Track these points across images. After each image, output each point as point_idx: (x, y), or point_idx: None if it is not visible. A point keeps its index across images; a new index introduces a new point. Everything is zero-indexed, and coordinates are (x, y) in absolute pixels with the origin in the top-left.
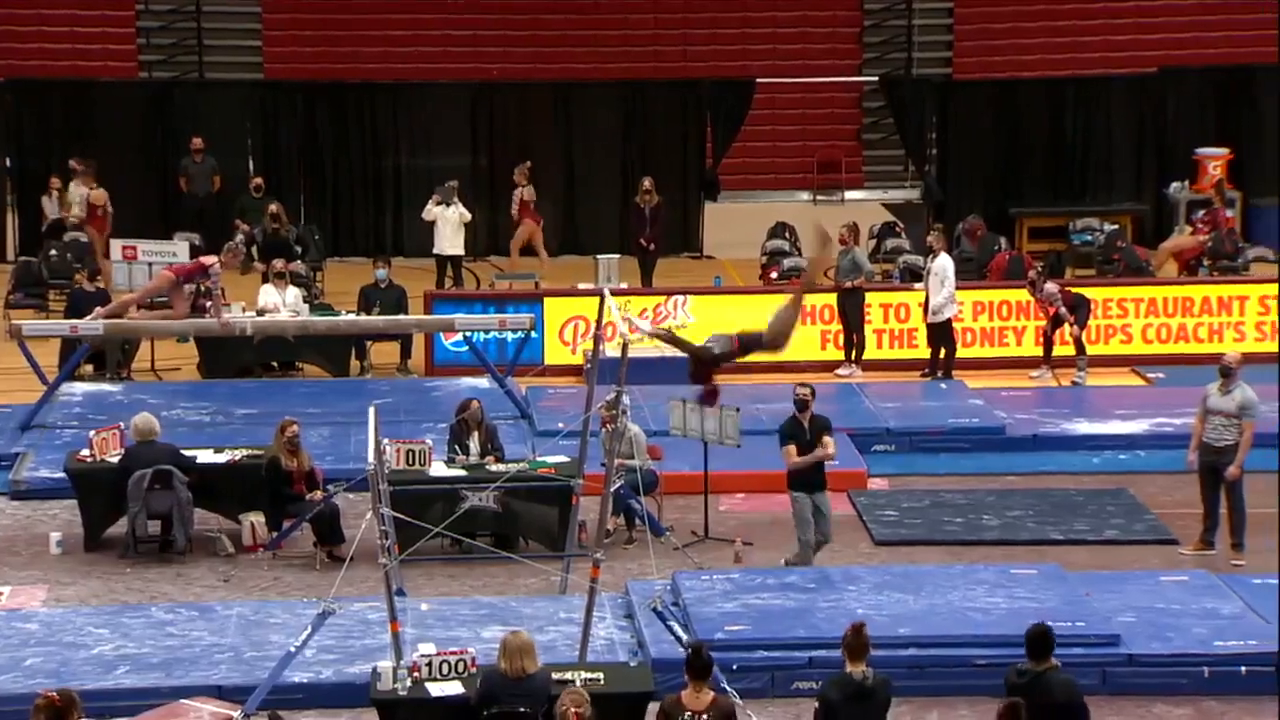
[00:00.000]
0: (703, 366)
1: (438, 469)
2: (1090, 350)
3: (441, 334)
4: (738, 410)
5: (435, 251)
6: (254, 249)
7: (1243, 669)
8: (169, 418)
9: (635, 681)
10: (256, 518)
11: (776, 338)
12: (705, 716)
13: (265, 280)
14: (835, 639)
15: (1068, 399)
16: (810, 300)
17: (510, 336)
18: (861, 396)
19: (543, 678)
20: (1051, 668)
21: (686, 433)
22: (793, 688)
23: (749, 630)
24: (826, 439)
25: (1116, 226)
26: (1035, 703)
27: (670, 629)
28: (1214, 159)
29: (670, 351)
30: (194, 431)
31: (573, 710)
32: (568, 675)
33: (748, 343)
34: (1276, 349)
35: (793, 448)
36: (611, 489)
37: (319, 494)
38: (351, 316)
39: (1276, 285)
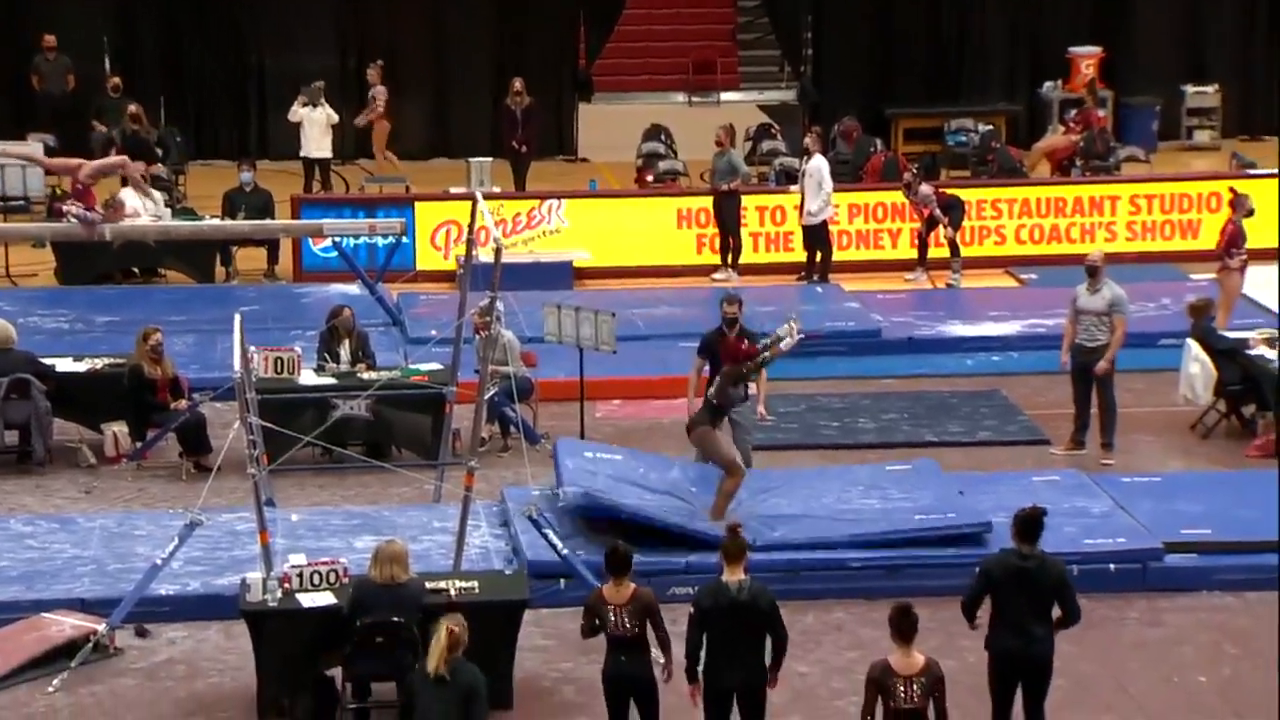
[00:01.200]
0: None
1: (307, 377)
2: (964, 252)
3: (310, 239)
4: (613, 315)
5: (302, 154)
6: (113, 151)
7: (1111, 566)
8: (25, 325)
9: (511, 589)
10: (119, 427)
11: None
12: (626, 609)
13: (124, 184)
14: (714, 539)
15: (942, 301)
16: (685, 204)
17: (381, 242)
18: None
19: (416, 587)
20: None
21: (561, 339)
22: (669, 593)
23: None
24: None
25: (991, 127)
26: (1038, 587)
27: (546, 536)
28: (1086, 58)
29: (548, 257)
30: (52, 339)
31: (447, 625)
32: (442, 584)
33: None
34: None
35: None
36: (485, 396)
37: (183, 402)
38: (216, 221)
39: (1147, 185)
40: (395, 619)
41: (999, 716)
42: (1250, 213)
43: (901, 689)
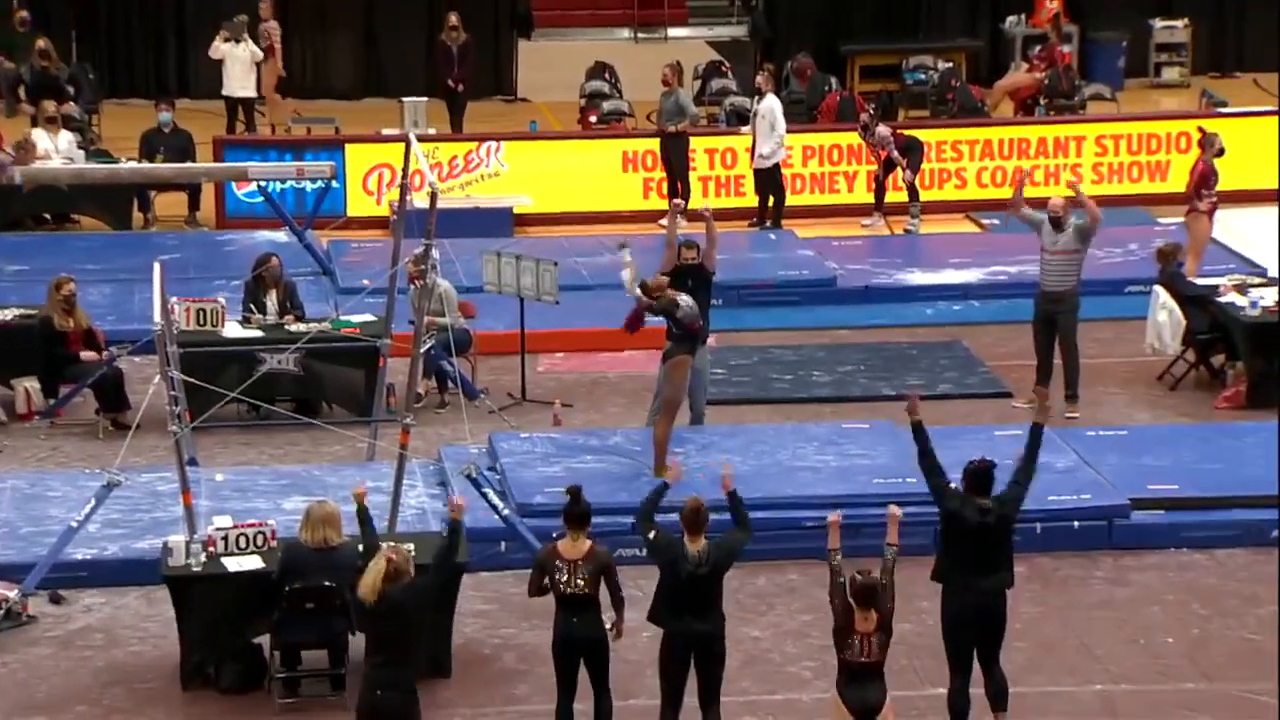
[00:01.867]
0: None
1: (232, 330)
2: (924, 196)
3: (233, 183)
4: (555, 264)
5: (224, 93)
6: (21, 90)
7: (1075, 523)
8: None
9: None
10: (30, 383)
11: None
12: (580, 565)
13: (35, 124)
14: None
15: (901, 248)
16: (630, 146)
17: (309, 186)
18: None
19: (348, 550)
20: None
21: (501, 288)
22: (616, 555)
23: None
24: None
25: (951, 65)
26: (995, 537)
27: (485, 496)
28: None
29: (487, 203)
30: None
31: (386, 555)
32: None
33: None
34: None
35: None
36: (421, 350)
37: (97, 355)
38: (133, 164)
39: (1114, 124)
40: (327, 583)
41: (958, 673)
42: (1220, 152)
43: (859, 644)
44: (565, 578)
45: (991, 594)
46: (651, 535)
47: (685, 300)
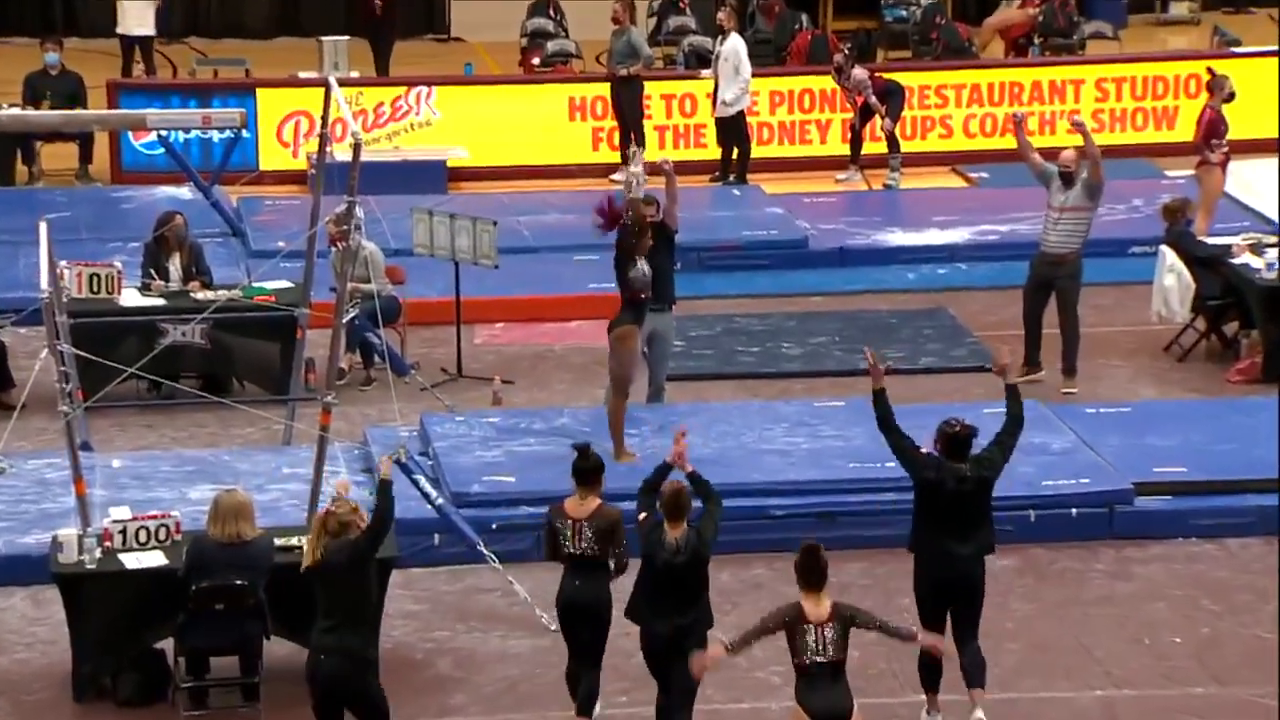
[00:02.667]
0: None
1: (130, 297)
2: (905, 146)
3: (130, 133)
4: (494, 224)
5: (119, 31)
6: None
7: (1074, 511)
8: None
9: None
10: None
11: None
12: (586, 525)
13: None
14: (612, 491)
15: (879, 204)
16: (578, 92)
17: (216, 136)
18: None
19: (262, 544)
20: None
21: (434, 251)
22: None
23: (512, 483)
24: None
25: (935, 0)
26: (974, 503)
27: (417, 484)
28: None
29: (417, 155)
30: None
31: (326, 509)
32: (294, 540)
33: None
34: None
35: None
36: (344, 320)
37: None
38: (15, 110)
39: (1116, 66)
40: (239, 581)
41: (932, 650)
42: (1231, 96)
43: (811, 637)
44: (570, 538)
45: (971, 560)
46: (641, 517)
47: (642, 265)
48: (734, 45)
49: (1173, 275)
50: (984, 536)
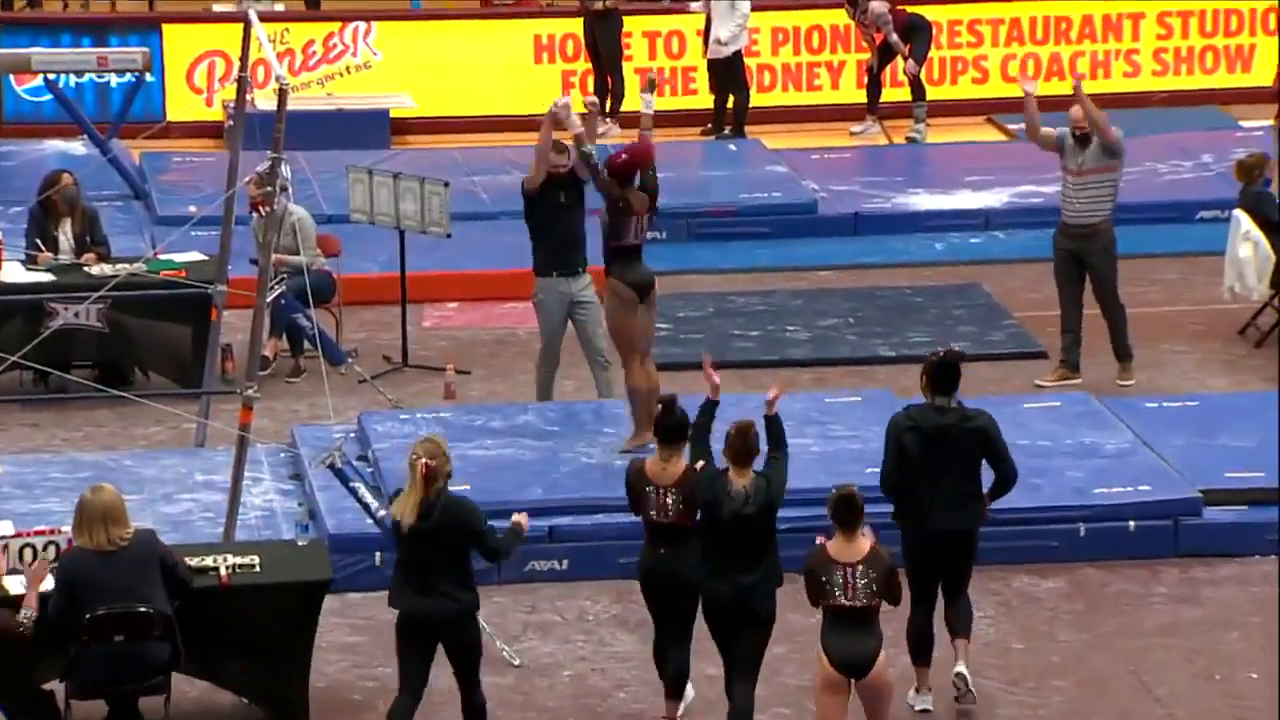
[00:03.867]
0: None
1: (12, 272)
2: (932, 93)
3: (12, 77)
4: (446, 185)
5: None
6: None
7: (1131, 524)
8: None
9: (306, 566)
10: None
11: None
12: (671, 491)
13: None
14: (587, 501)
15: (901, 162)
16: (545, 28)
17: (115, 81)
18: None
19: (142, 540)
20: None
21: (374, 218)
22: (527, 569)
23: (466, 492)
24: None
25: None
26: (962, 445)
27: (354, 492)
28: None
29: (354, 104)
30: None
31: (423, 460)
32: (209, 560)
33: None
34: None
35: None
36: (269, 299)
37: None
38: None
39: None
40: (143, 609)
41: (922, 609)
42: None
43: (841, 580)
44: (654, 500)
45: (963, 510)
46: (697, 465)
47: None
48: None
49: (1248, 245)
50: (978, 483)
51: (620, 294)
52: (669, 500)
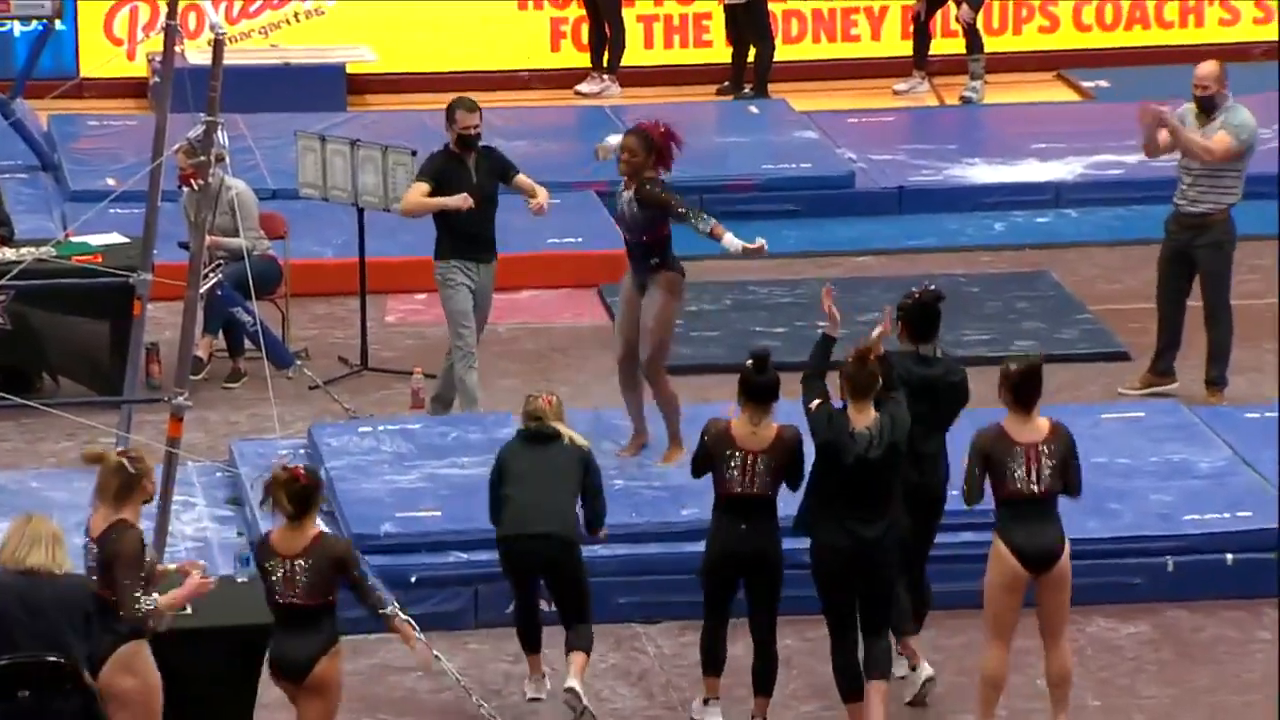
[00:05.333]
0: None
1: None
2: (990, 44)
3: None
4: (413, 155)
5: None
6: None
7: (1229, 557)
8: None
9: (247, 607)
10: None
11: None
12: (759, 459)
13: None
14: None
15: (954, 126)
16: None
17: (19, 29)
18: (620, 128)
19: (73, 585)
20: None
21: (328, 193)
22: (509, 610)
23: (437, 518)
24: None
25: None
26: (947, 397)
27: None
28: None
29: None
30: None
31: (544, 396)
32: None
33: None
34: None
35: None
36: (202, 289)
37: None
38: None
39: None
40: (54, 658)
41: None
42: None
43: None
44: (736, 472)
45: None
46: (814, 404)
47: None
48: None
49: None
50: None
51: (679, 291)
52: (759, 468)
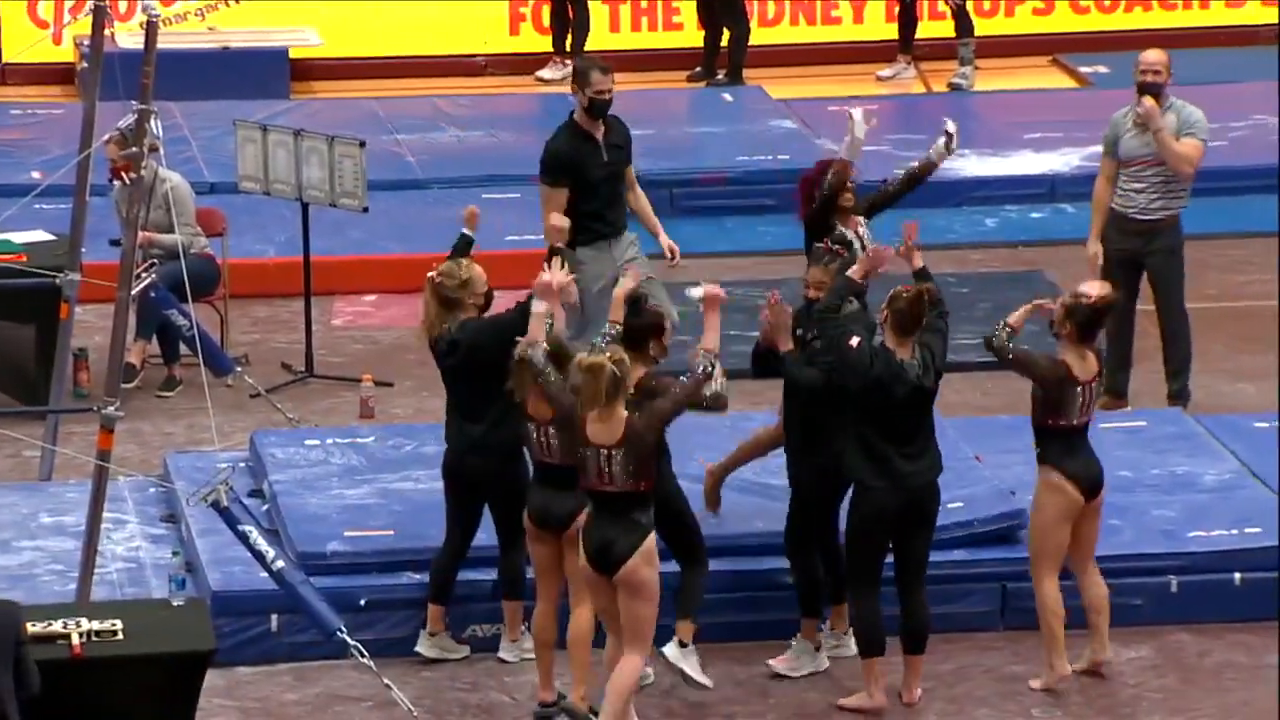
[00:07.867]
0: None
1: None
2: (981, 28)
3: None
4: (361, 146)
5: None
6: None
7: (1236, 577)
8: None
9: (182, 633)
10: None
11: None
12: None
13: None
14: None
15: (942, 115)
16: None
17: None
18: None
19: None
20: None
21: (270, 187)
22: (466, 634)
23: (389, 537)
24: None
25: None
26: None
27: (245, 539)
28: None
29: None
30: None
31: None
32: (58, 624)
33: None
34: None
35: None
36: (134, 290)
37: None
38: None
39: None
40: None
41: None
42: None
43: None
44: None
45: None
46: (855, 342)
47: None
48: None
49: None
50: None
51: None
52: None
